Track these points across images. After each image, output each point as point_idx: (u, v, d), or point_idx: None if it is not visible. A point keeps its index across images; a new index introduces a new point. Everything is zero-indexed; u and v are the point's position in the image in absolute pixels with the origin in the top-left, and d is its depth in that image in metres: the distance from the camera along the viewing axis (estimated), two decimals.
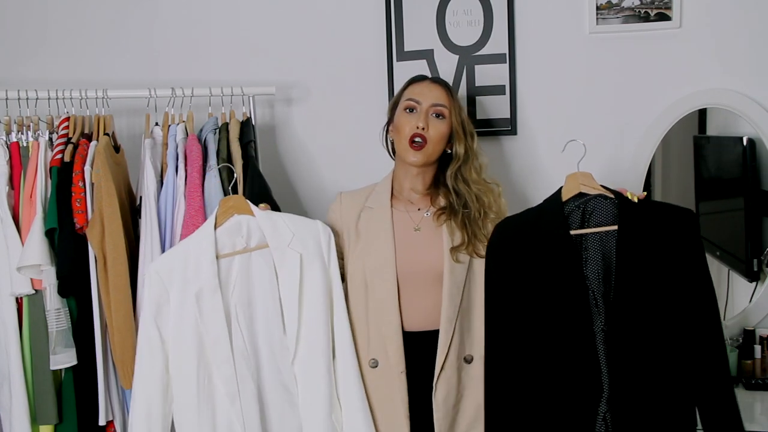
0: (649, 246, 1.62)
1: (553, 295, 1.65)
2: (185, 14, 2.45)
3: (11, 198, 2.02)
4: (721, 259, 2.35)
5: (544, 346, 1.66)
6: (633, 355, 1.60)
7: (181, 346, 1.78)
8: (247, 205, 1.85)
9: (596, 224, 1.68)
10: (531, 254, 1.68)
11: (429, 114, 1.86)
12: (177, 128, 2.10)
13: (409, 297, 1.83)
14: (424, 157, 1.86)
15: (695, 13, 2.21)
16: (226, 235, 1.82)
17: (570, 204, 1.70)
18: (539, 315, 1.66)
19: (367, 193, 1.95)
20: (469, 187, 1.87)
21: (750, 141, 2.23)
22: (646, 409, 1.60)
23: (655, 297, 1.60)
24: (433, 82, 1.93)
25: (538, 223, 1.71)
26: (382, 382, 1.83)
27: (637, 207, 1.66)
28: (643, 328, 1.60)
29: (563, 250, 1.65)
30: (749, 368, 2.18)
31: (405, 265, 1.84)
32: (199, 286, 1.77)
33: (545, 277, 1.66)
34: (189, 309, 1.77)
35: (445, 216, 1.87)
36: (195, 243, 1.81)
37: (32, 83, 2.18)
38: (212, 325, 1.76)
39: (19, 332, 2.00)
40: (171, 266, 1.79)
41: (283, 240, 1.82)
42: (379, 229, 1.88)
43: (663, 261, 1.61)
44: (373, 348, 1.84)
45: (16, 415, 1.98)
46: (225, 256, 1.81)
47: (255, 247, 1.83)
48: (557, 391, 1.65)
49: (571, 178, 1.73)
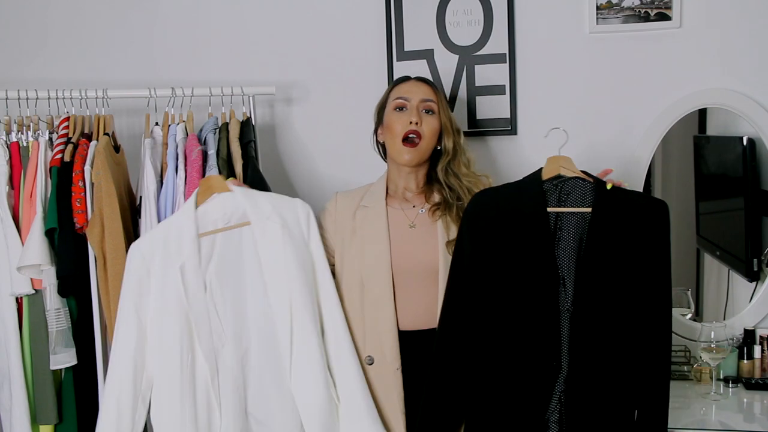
0: (620, 231, 1.65)
1: (521, 268, 1.67)
2: (185, 14, 2.45)
3: (11, 198, 2.02)
4: (721, 259, 2.35)
5: (506, 320, 1.68)
6: (594, 336, 1.63)
7: (164, 320, 1.75)
8: (225, 184, 1.84)
9: (572, 205, 1.71)
10: (505, 227, 1.70)
11: (419, 110, 1.88)
12: (177, 128, 2.10)
13: (404, 294, 1.84)
14: (418, 154, 1.87)
15: (695, 13, 2.21)
16: (207, 213, 1.81)
17: (548, 183, 1.73)
18: (505, 287, 1.68)
19: (363, 192, 1.96)
20: (460, 180, 1.90)
21: (750, 141, 2.23)
22: (600, 391, 1.63)
23: (620, 281, 1.64)
24: (419, 80, 1.95)
25: (516, 197, 1.73)
26: (378, 379, 1.83)
27: (612, 193, 1.69)
28: (606, 309, 1.63)
29: (537, 226, 1.67)
30: (749, 368, 2.18)
31: (400, 262, 1.85)
32: (182, 261, 1.75)
33: (516, 251, 1.68)
34: (173, 284, 1.74)
35: (440, 211, 1.89)
36: (176, 222, 1.80)
37: (32, 83, 2.18)
38: (195, 301, 1.74)
39: (19, 332, 2.00)
40: (152, 244, 1.78)
41: (262, 214, 1.81)
42: (374, 227, 1.88)
43: (632, 247, 1.65)
44: (369, 345, 1.84)
45: (16, 415, 1.98)
46: (206, 234, 1.79)
47: (236, 225, 1.82)
48: (514, 366, 1.67)
49: (552, 160, 1.76)
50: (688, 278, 2.39)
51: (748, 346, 2.19)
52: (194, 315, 1.74)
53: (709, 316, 2.30)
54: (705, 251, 2.38)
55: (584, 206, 1.69)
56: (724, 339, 2.07)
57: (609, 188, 1.69)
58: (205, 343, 1.74)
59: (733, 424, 1.88)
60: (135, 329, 1.75)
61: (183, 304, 1.74)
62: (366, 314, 1.85)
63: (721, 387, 2.12)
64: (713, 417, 1.94)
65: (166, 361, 1.74)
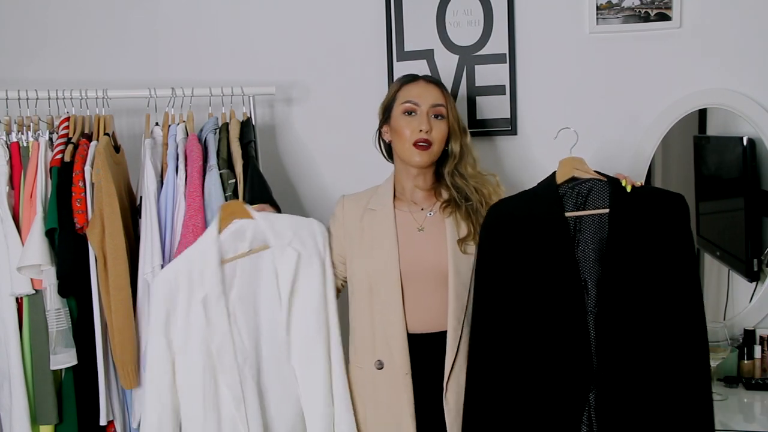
0: (639, 229, 1.63)
1: (544, 276, 1.66)
2: (185, 14, 2.45)
3: (11, 198, 2.02)
4: (721, 259, 2.35)
5: (534, 328, 1.66)
6: (622, 337, 1.60)
7: (188, 353, 1.78)
8: (246, 210, 1.86)
9: (590, 207, 1.69)
10: (524, 235, 1.69)
11: (429, 116, 1.86)
12: (177, 128, 2.10)
13: (413, 298, 1.82)
14: (429, 156, 1.86)
15: (695, 13, 2.21)
16: (229, 240, 1.82)
17: (563, 187, 1.72)
18: (530, 296, 1.67)
19: (370, 195, 1.95)
20: (467, 181, 1.88)
21: (750, 141, 2.23)
22: (632, 393, 1.60)
23: (644, 280, 1.61)
24: (429, 82, 1.91)
25: (533, 204, 1.72)
26: (387, 384, 1.82)
27: (628, 191, 1.67)
28: (631, 310, 1.60)
29: (557, 231, 1.66)
30: (749, 368, 2.18)
31: (409, 266, 1.83)
32: (204, 292, 1.77)
33: (538, 258, 1.67)
34: (195, 316, 1.77)
35: (450, 208, 1.88)
36: (199, 250, 1.81)
37: (32, 83, 2.18)
38: (217, 332, 1.76)
39: (19, 332, 2.00)
40: (177, 275, 1.79)
41: (283, 239, 1.83)
42: (382, 231, 1.87)
43: (653, 244, 1.62)
44: (378, 350, 1.83)
45: (16, 415, 1.98)
46: (228, 260, 1.81)
47: (257, 249, 1.83)
48: (546, 373, 1.65)
49: (565, 162, 1.74)
50: None
51: (748, 346, 2.19)
52: (216, 346, 1.76)
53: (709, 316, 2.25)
54: (705, 251, 2.38)
55: (602, 207, 1.68)
56: (724, 339, 2.07)
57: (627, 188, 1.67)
58: (228, 373, 1.76)
59: (733, 424, 1.88)
60: (168, 363, 1.78)
61: (205, 338, 1.76)
62: (375, 319, 1.84)
63: (722, 387, 2.12)
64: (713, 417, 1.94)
65: (190, 394, 1.77)
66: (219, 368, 1.76)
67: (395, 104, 1.90)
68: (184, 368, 1.78)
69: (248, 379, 1.78)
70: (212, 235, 1.81)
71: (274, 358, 1.81)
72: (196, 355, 1.76)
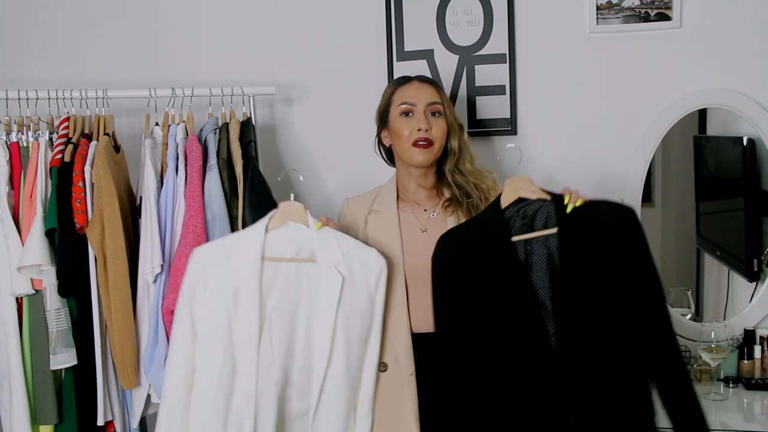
0: (589, 245, 1.58)
1: (501, 304, 1.62)
2: (185, 14, 2.45)
3: (11, 198, 2.02)
4: (721, 259, 2.35)
5: (500, 358, 1.62)
6: (586, 356, 1.56)
7: (211, 335, 1.74)
8: (305, 215, 1.80)
9: (537, 229, 1.64)
10: (475, 265, 1.66)
11: (427, 114, 1.86)
12: (177, 128, 2.10)
13: (417, 299, 1.82)
14: (432, 154, 1.85)
15: (695, 13, 2.21)
16: (278, 239, 1.77)
17: (509, 210, 1.68)
18: (491, 326, 1.63)
19: (373, 196, 1.95)
20: (466, 177, 1.89)
21: (750, 141, 2.23)
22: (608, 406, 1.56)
23: (602, 295, 1.57)
24: (422, 82, 1.91)
25: (479, 232, 1.69)
26: (391, 386, 1.81)
27: (574, 210, 1.62)
28: (592, 327, 1.56)
29: (505, 258, 1.62)
30: (749, 368, 2.18)
31: (413, 267, 1.83)
32: (238, 281, 1.72)
33: (492, 287, 1.63)
34: (224, 301, 1.73)
35: (452, 207, 1.88)
36: (245, 239, 1.77)
37: (32, 83, 2.18)
38: (244, 323, 1.72)
39: (19, 332, 2.00)
40: (214, 255, 1.76)
41: (331, 258, 1.76)
42: (386, 232, 1.87)
43: (605, 258, 1.57)
44: (383, 352, 1.82)
45: (16, 415, 1.98)
46: (271, 259, 1.76)
47: (304, 259, 1.77)
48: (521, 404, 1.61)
49: (510, 183, 1.69)
50: (688, 278, 2.39)
51: (748, 346, 2.19)
52: (240, 335, 1.72)
53: (709, 317, 2.30)
54: (705, 251, 2.38)
55: (549, 227, 1.62)
56: (724, 339, 2.07)
57: (568, 209, 1.62)
58: (246, 365, 1.72)
59: (733, 424, 1.88)
60: (189, 334, 1.75)
61: (231, 325, 1.72)
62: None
63: (721, 387, 2.12)
64: (713, 417, 1.94)
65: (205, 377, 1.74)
66: (239, 358, 1.72)
67: (391, 107, 1.90)
68: (203, 350, 1.74)
69: (268, 385, 1.73)
70: (261, 227, 1.77)
71: (301, 377, 1.76)
72: (218, 339, 1.72)
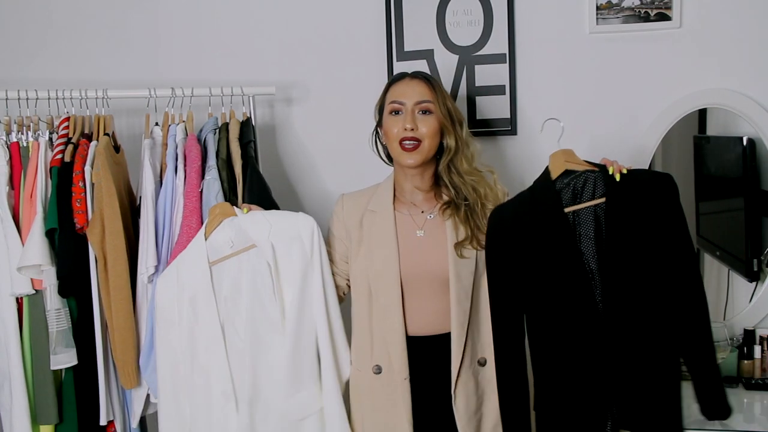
0: (634, 213, 1.67)
1: (553, 274, 1.69)
2: (185, 14, 2.45)
3: (11, 198, 2.02)
4: (721, 259, 2.34)
5: (552, 327, 1.70)
6: (630, 324, 1.65)
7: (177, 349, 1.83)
8: (232, 209, 1.88)
9: (586, 199, 1.71)
10: (528, 237, 1.72)
11: (415, 113, 1.82)
12: (177, 128, 2.10)
13: (413, 302, 1.81)
14: (421, 156, 1.81)
15: (695, 13, 2.21)
16: (217, 241, 1.86)
17: (559, 182, 1.74)
18: (543, 297, 1.71)
19: (370, 195, 1.92)
20: (463, 178, 1.85)
21: (750, 141, 2.23)
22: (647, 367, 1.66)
23: (645, 262, 1.65)
24: (413, 78, 1.87)
25: (532, 205, 1.74)
26: (385, 389, 1.81)
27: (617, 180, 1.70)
28: (635, 293, 1.65)
29: (559, 229, 1.69)
30: (749, 368, 2.18)
31: (409, 270, 1.81)
32: (193, 291, 1.82)
33: (545, 258, 1.70)
34: (185, 314, 1.82)
35: (450, 210, 1.85)
36: (189, 253, 1.87)
37: (32, 83, 2.18)
38: (207, 329, 1.81)
39: (19, 332, 2.00)
40: (168, 278, 1.86)
41: (262, 234, 1.84)
42: (382, 233, 1.85)
43: (648, 224, 1.66)
44: (377, 354, 1.82)
45: (17, 415, 1.98)
46: (216, 261, 1.85)
47: (243, 249, 1.86)
48: (570, 372, 1.69)
49: (555, 156, 1.76)
50: None
51: (748, 346, 2.19)
52: (204, 343, 1.82)
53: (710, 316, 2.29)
54: (705, 251, 2.38)
55: (597, 198, 1.71)
56: (724, 339, 2.07)
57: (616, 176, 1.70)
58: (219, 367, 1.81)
59: (733, 424, 1.88)
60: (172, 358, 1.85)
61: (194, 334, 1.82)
62: (374, 323, 1.83)
63: None
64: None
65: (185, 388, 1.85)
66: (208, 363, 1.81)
67: (385, 105, 1.88)
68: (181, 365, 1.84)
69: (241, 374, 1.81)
70: (200, 238, 1.86)
71: (266, 353, 1.83)
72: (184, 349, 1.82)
